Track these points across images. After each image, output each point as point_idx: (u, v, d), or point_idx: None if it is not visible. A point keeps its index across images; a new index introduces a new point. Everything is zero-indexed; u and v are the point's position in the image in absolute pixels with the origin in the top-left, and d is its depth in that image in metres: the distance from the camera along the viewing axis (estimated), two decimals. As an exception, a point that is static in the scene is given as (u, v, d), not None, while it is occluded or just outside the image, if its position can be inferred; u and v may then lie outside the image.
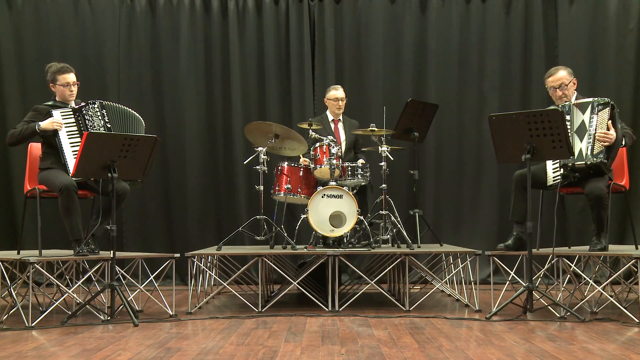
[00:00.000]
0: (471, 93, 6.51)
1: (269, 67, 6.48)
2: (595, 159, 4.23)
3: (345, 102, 5.56)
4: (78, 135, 4.39)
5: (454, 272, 4.97)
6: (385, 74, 6.50)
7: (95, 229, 4.31)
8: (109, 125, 4.45)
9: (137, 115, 4.62)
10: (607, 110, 4.25)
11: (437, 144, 6.48)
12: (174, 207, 6.45)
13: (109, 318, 4.05)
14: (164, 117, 6.48)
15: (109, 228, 4.02)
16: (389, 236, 5.00)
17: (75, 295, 4.35)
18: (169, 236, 6.45)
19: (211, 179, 6.49)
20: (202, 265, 4.71)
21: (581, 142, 4.28)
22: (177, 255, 4.46)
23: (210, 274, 5.05)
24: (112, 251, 4.03)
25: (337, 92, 5.54)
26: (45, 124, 4.35)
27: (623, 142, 4.35)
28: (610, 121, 4.23)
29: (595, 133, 4.24)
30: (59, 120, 4.37)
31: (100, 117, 4.46)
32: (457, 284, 5.02)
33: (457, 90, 6.51)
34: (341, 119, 5.61)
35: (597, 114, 4.26)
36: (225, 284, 4.58)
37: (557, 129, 3.92)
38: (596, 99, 4.31)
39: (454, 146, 6.50)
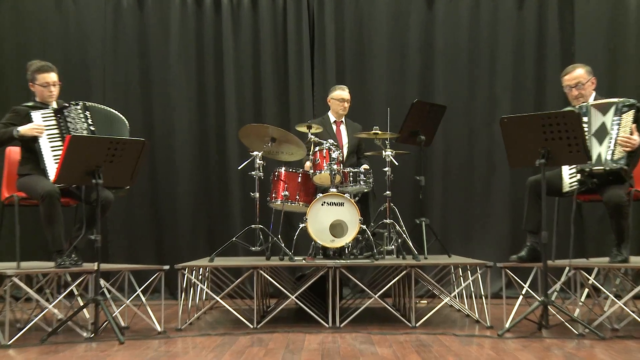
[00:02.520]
0: (482, 93, 6.51)
1: (265, 66, 6.48)
2: (615, 164, 4.21)
3: (349, 104, 5.57)
4: (60, 139, 4.37)
5: (463, 285, 4.95)
6: (389, 73, 6.50)
7: (77, 241, 4.28)
8: (93, 129, 4.44)
9: (122, 116, 4.61)
10: (631, 113, 4.23)
11: (445, 148, 6.47)
12: (163, 215, 6.44)
13: (92, 335, 4.02)
14: (152, 119, 6.48)
15: (93, 238, 4.00)
16: (393, 247, 4.98)
17: (56, 311, 4.33)
18: (158, 247, 6.43)
19: (203, 186, 6.48)
20: (193, 278, 4.69)
21: (600, 145, 4.26)
22: (167, 267, 4.45)
23: (202, 288, 5.03)
24: (96, 263, 4.01)
25: (343, 93, 5.56)
26: (25, 130, 4.32)
27: (646, 148, 4.33)
28: (634, 125, 4.21)
29: (617, 137, 4.22)
30: (40, 126, 4.35)
31: (83, 120, 4.45)
32: (466, 298, 4.99)
33: (466, 90, 6.51)
34: (344, 121, 5.61)
35: (620, 116, 4.24)
36: (218, 298, 4.56)
37: (573, 132, 3.90)
38: (620, 100, 4.28)
39: (463, 150, 6.50)
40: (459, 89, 6.51)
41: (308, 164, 5.14)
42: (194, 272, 4.72)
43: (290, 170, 4.99)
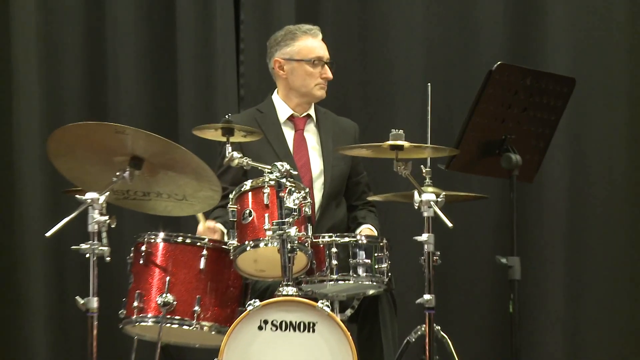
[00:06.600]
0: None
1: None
2: None
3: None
4: None
5: None
6: (430, 11, 6.69)
7: None
8: None
9: None
10: None
11: (573, 186, 6.63)
12: None
13: None
14: None
15: None
16: None
17: None
18: None
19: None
20: None
21: None
22: None
23: None
24: None
25: (315, 43, 5.67)
26: None
27: None
28: None
29: None
30: None
31: None
32: None
33: (618, 46, 6.65)
34: (313, 117, 5.70)
35: None
36: None
37: None
38: None
39: (621, 190, 6.60)
40: (602, 41, 6.65)
41: (200, 227, 5.20)
42: None
43: (180, 240, 5.02)
